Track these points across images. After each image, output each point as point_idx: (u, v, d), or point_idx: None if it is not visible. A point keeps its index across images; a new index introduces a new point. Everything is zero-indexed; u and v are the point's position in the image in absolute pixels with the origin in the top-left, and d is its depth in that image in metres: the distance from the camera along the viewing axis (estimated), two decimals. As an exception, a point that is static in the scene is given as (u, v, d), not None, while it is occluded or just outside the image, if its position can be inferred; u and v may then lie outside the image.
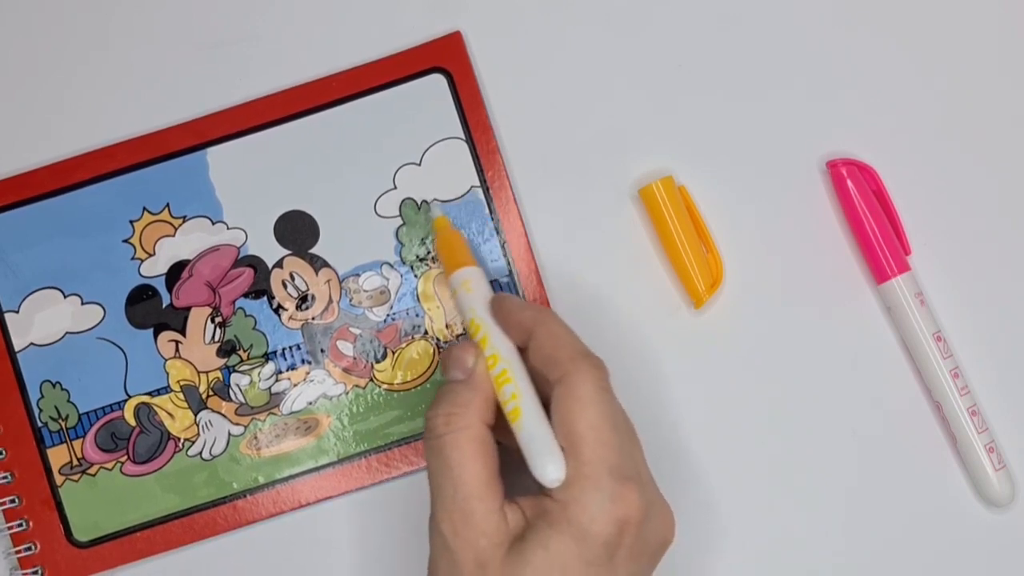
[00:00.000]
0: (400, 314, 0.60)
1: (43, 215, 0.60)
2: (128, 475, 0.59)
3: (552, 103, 0.60)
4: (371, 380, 0.59)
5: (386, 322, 0.60)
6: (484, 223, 0.60)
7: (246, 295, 0.60)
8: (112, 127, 0.60)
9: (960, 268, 0.60)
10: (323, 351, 0.59)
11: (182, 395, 0.59)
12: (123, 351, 0.59)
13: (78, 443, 0.59)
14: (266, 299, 0.60)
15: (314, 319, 0.60)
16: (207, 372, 0.59)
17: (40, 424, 0.59)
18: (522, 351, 0.52)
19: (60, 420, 0.59)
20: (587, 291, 0.60)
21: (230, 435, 0.59)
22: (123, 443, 0.59)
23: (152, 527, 0.59)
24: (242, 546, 0.59)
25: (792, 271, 0.60)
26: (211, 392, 0.59)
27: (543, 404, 0.50)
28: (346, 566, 0.59)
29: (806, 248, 0.60)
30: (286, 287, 0.60)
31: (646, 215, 0.60)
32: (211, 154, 0.60)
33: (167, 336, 0.59)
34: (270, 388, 0.59)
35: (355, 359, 0.59)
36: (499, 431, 0.51)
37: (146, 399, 0.59)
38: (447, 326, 0.59)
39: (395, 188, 0.60)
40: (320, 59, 0.60)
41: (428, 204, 0.59)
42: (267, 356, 0.59)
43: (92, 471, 0.59)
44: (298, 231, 0.60)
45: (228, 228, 0.60)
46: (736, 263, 0.60)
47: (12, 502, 0.59)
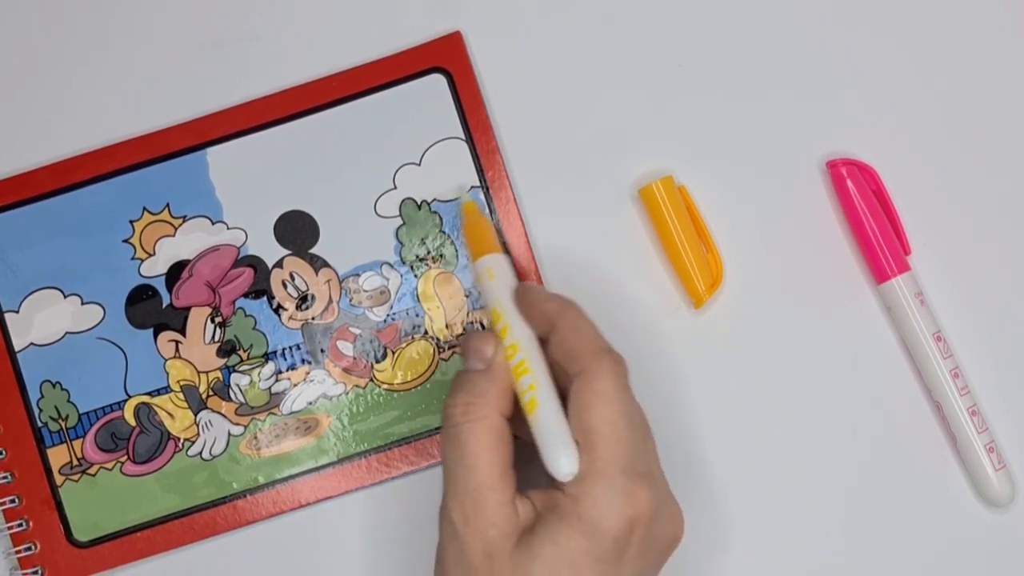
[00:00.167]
0: (400, 314, 0.60)
1: (43, 215, 0.60)
2: (128, 475, 0.59)
3: (552, 103, 0.60)
4: (371, 380, 0.59)
5: (386, 322, 0.60)
6: (484, 223, 0.60)
7: (246, 295, 0.60)
8: (112, 127, 0.60)
9: (960, 268, 0.60)
10: (323, 351, 0.59)
11: (182, 395, 0.59)
12: (123, 351, 0.59)
13: (78, 443, 0.59)
14: (266, 299, 0.60)
15: (314, 319, 0.60)
16: (207, 372, 0.59)
17: (40, 424, 0.59)
18: (543, 342, 0.51)
19: (60, 420, 0.59)
20: (587, 291, 0.60)
21: (230, 435, 0.59)
22: (123, 443, 0.59)
23: (152, 527, 0.59)
24: (242, 546, 0.59)
25: (792, 271, 0.60)
26: (211, 392, 0.59)
27: (561, 397, 0.50)
28: (346, 566, 0.59)
29: (806, 248, 0.60)
30: (286, 287, 0.60)
31: (646, 215, 0.60)
32: (211, 154, 0.60)
33: (167, 336, 0.59)
34: (270, 388, 0.59)
35: (355, 359, 0.59)
36: (515, 423, 0.51)
37: (146, 399, 0.59)
38: (447, 326, 0.59)
39: (395, 188, 0.60)
40: (320, 59, 0.60)
41: (464, 191, 0.59)
42: (267, 356, 0.59)
43: (92, 471, 0.59)
44: (298, 231, 0.60)
45: (228, 228, 0.60)
46: (736, 263, 0.60)
47: (12, 502, 0.59)
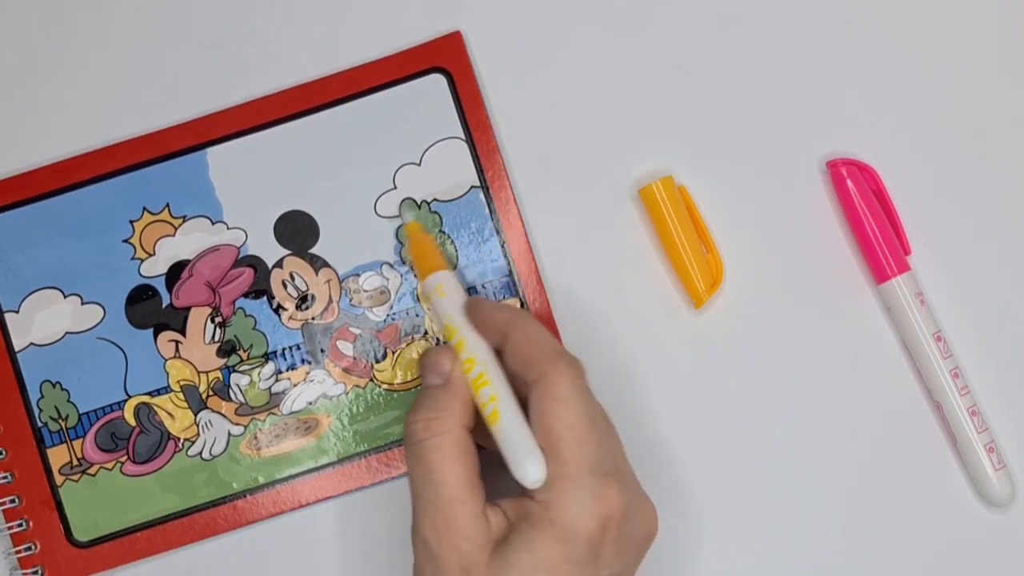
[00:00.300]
0: (400, 314, 0.60)
1: (43, 215, 0.60)
2: (128, 475, 0.59)
3: (552, 103, 0.60)
4: (371, 380, 0.59)
5: (386, 322, 0.60)
6: (484, 223, 0.60)
7: (246, 295, 0.60)
8: (112, 127, 0.60)
9: (960, 268, 0.60)
10: (323, 351, 0.59)
11: (182, 395, 0.59)
12: (123, 351, 0.59)
13: (78, 443, 0.59)
14: (266, 299, 0.60)
15: (314, 319, 0.60)
16: (207, 372, 0.59)
17: (40, 424, 0.59)
18: (498, 353, 0.52)
19: (60, 420, 0.59)
20: (587, 291, 0.60)
21: (230, 435, 0.59)
22: (123, 443, 0.59)
23: (152, 527, 0.59)
24: (242, 546, 0.59)
25: (792, 271, 0.60)
26: (211, 392, 0.59)
27: (521, 405, 0.50)
28: (346, 566, 0.59)
29: (806, 248, 0.60)
30: (286, 287, 0.60)
31: (646, 215, 0.60)
32: (211, 154, 0.60)
33: (167, 336, 0.59)
34: (270, 388, 0.59)
35: (355, 359, 0.59)
36: (478, 434, 0.51)
37: (146, 399, 0.59)
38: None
39: (395, 188, 0.60)
40: (320, 59, 0.60)
41: (404, 204, 0.59)
42: (267, 356, 0.59)
43: (92, 471, 0.59)
44: (298, 231, 0.60)
45: (228, 228, 0.60)
46: (736, 263, 0.60)
47: (12, 502, 0.59)
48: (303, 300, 0.60)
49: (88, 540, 0.59)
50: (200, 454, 0.59)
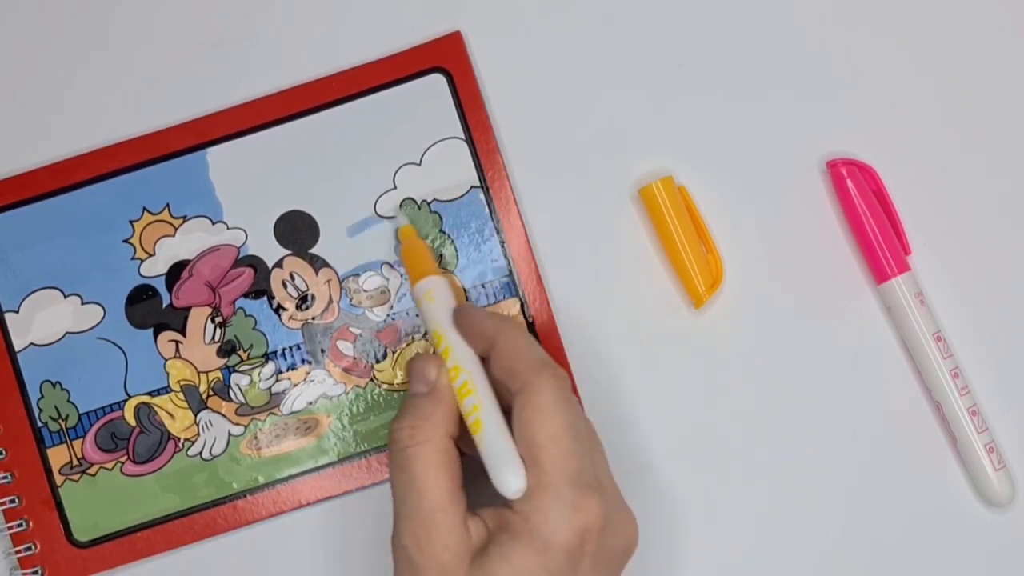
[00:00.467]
0: (400, 314, 0.60)
1: (43, 215, 0.60)
2: (128, 475, 0.59)
3: (552, 103, 0.60)
4: (371, 380, 0.59)
5: (386, 322, 0.60)
6: (484, 223, 0.60)
7: (246, 295, 0.60)
8: (112, 127, 0.60)
9: (960, 268, 0.60)
10: (323, 351, 0.59)
11: (182, 395, 0.59)
12: (123, 351, 0.59)
13: (78, 443, 0.59)
14: (266, 299, 0.60)
15: (314, 319, 0.60)
16: (207, 372, 0.59)
17: (40, 424, 0.59)
18: (484, 361, 0.52)
19: (60, 420, 0.59)
20: (587, 291, 0.60)
21: (230, 435, 0.59)
22: (123, 443, 0.59)
23: (152, 527, 0.59)
24: (242, 546, 0.59)
25: (792, 271, 0.60)
26: (211, 392, 0.59)
27: (505, 414, 0.50)
28: (346, 566, 0.59)
29: (806, 248, 0.60)
30: (286, 287, 0.60)
31: (646, 215, 0.60)
32: (211, 154, 0.60)
33: (167, 336, 0.59)
34: (270, 388, 0.59)
35: (355, 359, 0.59)
36: (463, 442, 0.51)
37: (146, 399, 0.59)
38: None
39: (395, 188, 0.60)
40: (320, 59, 0.60)
41: (403, 204, 0.59)
42: (267, 356, 0.59)
43: (92, 471, 0.59)
44: (298, 231, 0.60)
45: (228, 228, 0.60)
46: (736, 263, 0.60)
47: (12, 502, 0.59)
48: (303, 300, 0.60)
49: (88, 540, 0.59)
50: (200, 454, 0.59)
